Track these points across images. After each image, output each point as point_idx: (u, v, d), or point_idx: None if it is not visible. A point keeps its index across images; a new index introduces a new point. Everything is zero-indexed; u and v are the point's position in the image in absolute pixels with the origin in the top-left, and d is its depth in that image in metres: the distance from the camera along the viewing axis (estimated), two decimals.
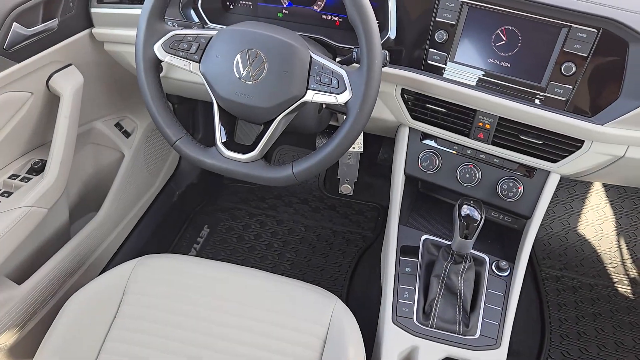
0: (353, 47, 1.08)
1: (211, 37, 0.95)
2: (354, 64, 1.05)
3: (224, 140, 0.97)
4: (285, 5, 1.19)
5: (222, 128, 0.97)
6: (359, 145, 1.24)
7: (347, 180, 1.60)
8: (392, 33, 1.07)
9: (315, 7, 1.17)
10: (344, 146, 0.91)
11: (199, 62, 0.95)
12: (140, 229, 1.69)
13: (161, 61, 0.97)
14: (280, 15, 1.20)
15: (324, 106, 1.13)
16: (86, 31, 1.27)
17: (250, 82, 0.91)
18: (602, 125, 1.00)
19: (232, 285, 1.07)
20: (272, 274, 1.10)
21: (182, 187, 1.90)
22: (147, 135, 1.64)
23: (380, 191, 1.96)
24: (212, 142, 0.98)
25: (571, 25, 0.96)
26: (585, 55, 0.97)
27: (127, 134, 1.56)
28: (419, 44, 1.09)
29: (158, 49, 0.95)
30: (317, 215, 1.95)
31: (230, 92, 0.93)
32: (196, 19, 1.17)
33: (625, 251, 1.85)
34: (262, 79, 0.91)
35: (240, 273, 1.09)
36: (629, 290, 1.74)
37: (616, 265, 1.82)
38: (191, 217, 1.94)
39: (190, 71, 0.95)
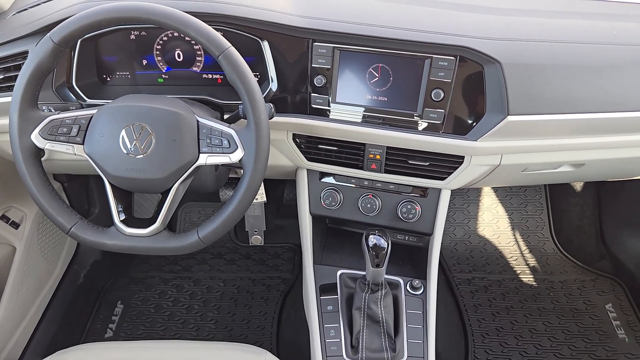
0: (239, 102, 1.11)
1: (91, 117, 0.93)
2: (243, 119, 1.08)
3: (122, 218, 0.94)
4: (164, 71, 1.19)
5: (119, 205, 0.95)
6: (261, 196, 1.25)
7: (256, 231, 1.61)
8: (274, 85, 1.12)
9: (195, 68, 1.18)
10: (245, 202, 0.92)
11: (83, 144, 0.92)
12: (47, 321, 1.57)
13: (41, 149, 0.93)
14: (160, 80, 1.20)
15: (220, 164, 1.14)
16: None
17: (140, 156, 0.90)
18: (476, 140, 1.10)
19: None
20: (195, 342, 1.08)
21: (86, 267, 1.80)
22: (39, 222, 1.54)
23: (292, 231, 1.99)
24: (110, 218, 0.95)
25: (432, 56, 1.06)
26: (450, 81, 1.07)
27: (15, 225, 1.46)
28: (301, 90, 1.14)
29: (36, 137, 0.91)
30: (233, 267, 1.93)
31: (120, 169, 0.91)
32: (73, 98, 1.14)
33: (521, 243, 2.02)
34: (151, 151, 0.90)
35: (160, 349, 1.05)
36: (532, 279, 1.89)
37: (517, 257, 1.97)
38: (101, 296, 1.84)
39: (75, 154, 0.93)
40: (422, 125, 1.12)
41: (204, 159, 0.92)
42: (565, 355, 1.63)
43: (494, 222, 2.07)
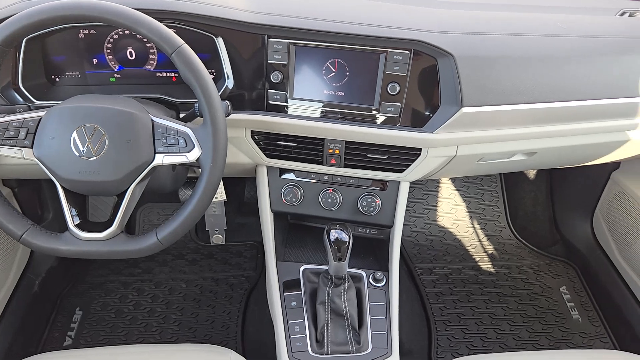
0: (194, 100, 1.09)
1: (40, 119, 0.90)
2: (199, 118, 1.06)
3: (76, 222, 0.91)
4: (116, 70, 1.16)
5: (72, 209, 0.92)
6: (220, 195, 1.24)
7: (217, 230, 1.60)
8: (229, 82, 1.11)
9: (148, 67, 1.16)
10: (204, 202, 0.91)
11: (32, 147, 0.89)
12: (1, 332, 1.51)
13: None
14: (112, 80, 1.17)
15: (178, 164, 1.12)
16: None
17: (94, 158, 0.88)
18: (432, 132, 1.12)
19: None
20: (158, 345, 1.06)
21: (41, 274, 1.74)
22: None
23: (254, 229, 1.97)
24: (65, 223, 0.92)
25: (387, 50, 1.07)
26: (405, 74, 1.09)
27: None
28: (258, 86, 1.13)
29: None
30: (195, 268, 1.90)
31: (73, 172, 0.88)
32: (21, 100, 1.10)
33: (479, 231, 2.07)
34: (105, 152, 0.88)
35: (122, 354, 1.03)
36: (490, 266, 1.94)
37: (475, 245, 2.02)
38: (59, 303, 1.78)
39: (24, 158, 0.89)
40: (380, 118, 1.13)
41: (160, 159, 0.90)
42: (524, 338, 1.69)
43: (452, 212, 2.12)
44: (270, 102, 1.14)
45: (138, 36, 1.12)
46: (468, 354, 1.08)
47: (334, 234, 1.07)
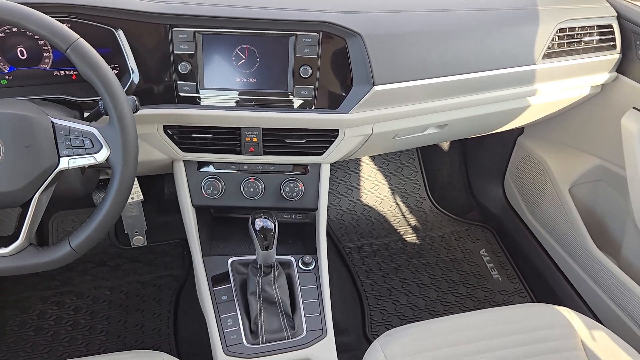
0: (98, 98, 1.03)
1: None
2: (105, 116, 1.01)
3: None
4: (6, 71, 1.07)
5: None
6: (137, 195, 1.19)
7: (137, 232, 1.53)
8: (135, 76, 1.05)
9: (44, 66, 1.08)
10: (118, 204, 0.87)
11: None
12: None
13: None
14: (4, 82, 1.08)
15: (87, 166, 1.06)
16: None
17: None
18: (348, 112, 1.13)
19: None
20: (85, 358, 1.01)
21: None
22: None
23: (178, 226, 1.91)
24: None
25: (296, 34, 1.07)
26: (316, 56, 1.09)
27: None
28: (166, 79, 1.08)
29: None
30: (119, 273, 1.82)
31: None
32: None
33: (402, 205, 2.13)
34: (1, 161, 0.81)
35: None
36: (415, 237, 2.02)
37: (399, 219, 2.09)
38: None
39: None
40: (294, 103, 1.12)
41: (65, 163, 0.85)
42: (451, 303, 1.77)
43: (375, 190, 2.17)
44: (181, 94, 1.10)
45: (28, 33, 1.04)
46: (400, 325, 1.11)
47: (259, 222, 1.06)
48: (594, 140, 1.55)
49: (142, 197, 1.19)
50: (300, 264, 1.24)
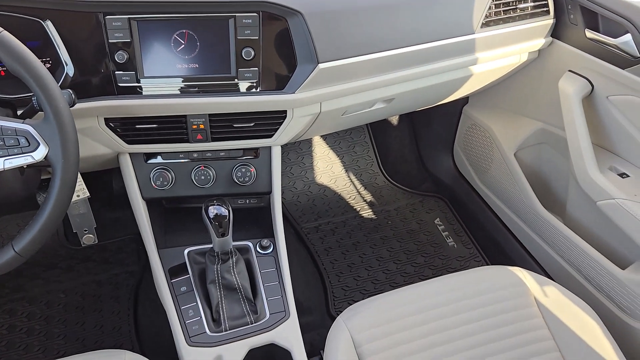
0: (31, 94, 0.98)
1: None
2: (41, 112, 0.96)
3: None
4: None
5: None
6: (82, 192, 1.15)
7: (86, 230, 1.48)
8: (69, 69, 1.01)
9: None
10: (62, 203, 0.83)
11: None
12: None
13: None
14: None
15: (25, 166, 1.01)
16: None
17: None
18: (294, 92, 1.12)
19: None
20: None
21: None
22: None
23: (130, 221, 1.86)
24: None
25: (235, 15, 1.04)
26: (257, 38, 1.07)
27: None
28: (103, 70, 1.04)
29: None
30: (73, 274, 1.76)
31: None
32: None
33: (356, 182, 2.15)
34: None
35: None
36: (371, 212, 2.04)
37: (354, 196, 2.10)
38: None
39: None
40: (239, 86, 1.11)
41: (0, 165, 0.80)
42: (410, 273, 1.81)
43: (328, 169, 2.17)
44: (120, 84, 1.06)
45: None
46: (363, 299, 1.13)
47: (213, 210, 1.05)
48: (535, 104, 1.61)
49: (88, 194, 1.15)
50: (258, 248, 1.24)
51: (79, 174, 1.14)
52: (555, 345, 1.06)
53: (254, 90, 1.11)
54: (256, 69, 1.09)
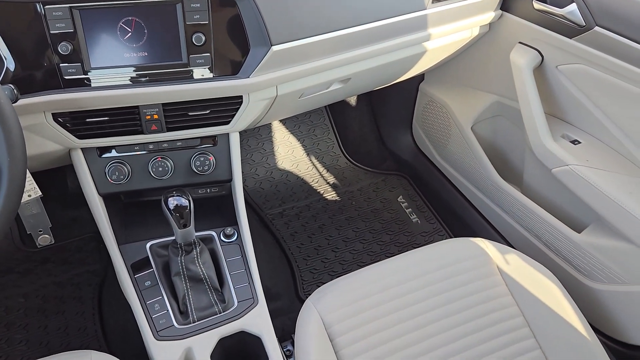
0: None
1: None
2: None
3: None
4: None
5: None
6: (33, 191, 1.10)
7: (41, 231, 1.43)
8: (9, 63, 0.96)
9: None
10: (11, 204, 0.79)
11: None
12: None
13: None
14: None
15: None
16: None
17: None
18: (249, 77, 1.10)
19: None
20: None
21: None
22: None
23: (89, 219, 1.80)
24: None
25: (182, 0, 1.01)
26: (207, 22, 1.04)
27: None
28: (47, 63, 1.00)
29: None
30: (32, 278, 1.70)
31: None
32: None
33: (318, 165, 2.15)
34: None
35: None
36: (334, 194, 2.05)
37: (318, 179, 2.10)
38: None
39: None
40: (192, 73, 1.08)
41: None
42: (376, 252, 1.83)
43: (290, 154, 2.16)
44: (66, 77, 1.02)
45: None
46: (331, 280, 1.13)
47: (172, 201, 1.02)
48: (489, 78, 1.63)
49: (40, 194, 1.10)
50: (222, 237, 1.22)
51: (28, 173, 1.09)
52: (519, 311, 1.10)
53: (207, 76, 1.09)
54: (208, 54, 1.07)
